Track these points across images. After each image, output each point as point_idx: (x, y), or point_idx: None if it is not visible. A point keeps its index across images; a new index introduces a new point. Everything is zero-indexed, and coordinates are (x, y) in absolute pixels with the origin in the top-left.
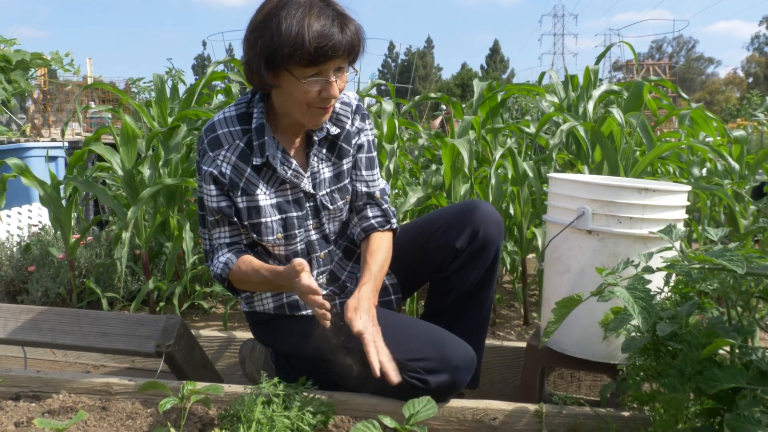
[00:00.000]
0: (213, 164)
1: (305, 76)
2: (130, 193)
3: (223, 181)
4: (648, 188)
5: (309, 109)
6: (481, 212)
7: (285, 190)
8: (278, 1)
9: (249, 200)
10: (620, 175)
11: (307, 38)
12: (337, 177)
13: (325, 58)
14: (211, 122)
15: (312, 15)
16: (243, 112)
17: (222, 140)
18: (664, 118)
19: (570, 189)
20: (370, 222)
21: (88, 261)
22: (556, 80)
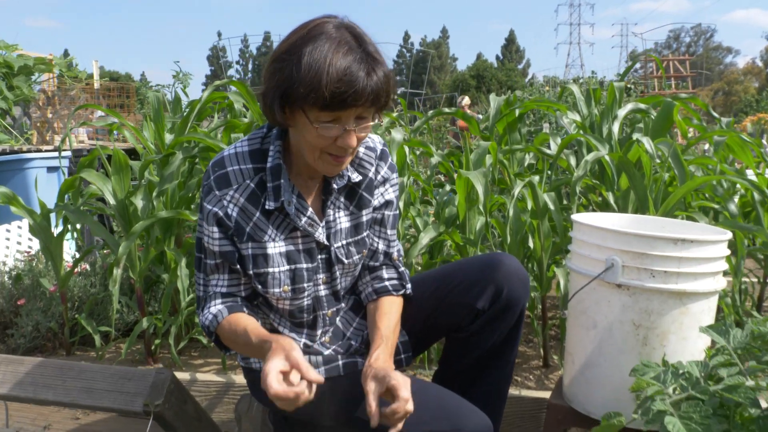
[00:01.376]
0: (218, 204)
1: (320, 121)
2: (123, 224)
3: (228, 223)
4: (685, 239)
5: (321, 156)
6: (506, 269)
7: (296, 238)
8: (307, 33)
9: (256, 247)
10: (649, 208)
11: (325, 80)
12: (356, 229)
13: (343, 105)
14: (221, 156)
15: (337, 54)
16: (257, 149)
17: (231, 179)
18: (695, 141)
19: (597, 237)
20: (384, 284)
21: (82, 290)
22: (578, 96)
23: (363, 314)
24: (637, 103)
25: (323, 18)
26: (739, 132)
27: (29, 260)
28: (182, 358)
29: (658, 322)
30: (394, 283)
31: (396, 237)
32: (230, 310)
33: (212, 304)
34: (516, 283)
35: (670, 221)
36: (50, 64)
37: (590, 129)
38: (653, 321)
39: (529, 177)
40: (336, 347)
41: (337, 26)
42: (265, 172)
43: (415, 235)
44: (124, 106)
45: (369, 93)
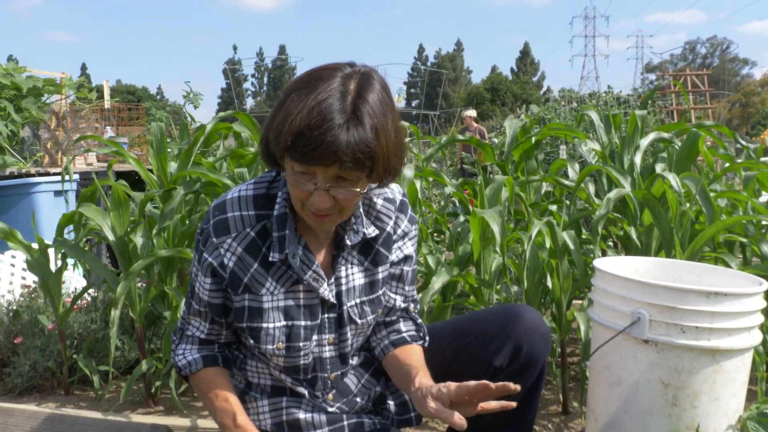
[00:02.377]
0: (215, 253)
1: (294, 171)
2: (123, 261)
3: (222, 274)
4: (719, 293)
5: (304, 210)
6: (525, 324)
7: (297, 293)
8: (308, 76)
9: (252, 300)
10: (676, 247)
11: (287, 128)
12: (371, 286)
13: (306, 159)
14: (223, 199)
15: (316, 102)
16: (262, 194)
17: (230, 225)
18: (721, 173)
19: (622, 288)
20: (402, 335)
21: (82, 326)
22: (597, 123)
23: (373, 370)
24: (660, 132)
25: (339, 65)
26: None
27: (29, 294)
28: (183, 400)
29: (689, 381)
30: (412, 333)
31: (414, 291)
32: (205, 362)
33: (188, 348)
34: (536, 339)
35: (699, 266)
36: (60, 85)
37: (610, 158)
38: (683, 380)
39: (546, 206)
40: (341, 405)
41: (347, 76)
42: (269, 220)
43: (425, 273)
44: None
45: (339, 152)
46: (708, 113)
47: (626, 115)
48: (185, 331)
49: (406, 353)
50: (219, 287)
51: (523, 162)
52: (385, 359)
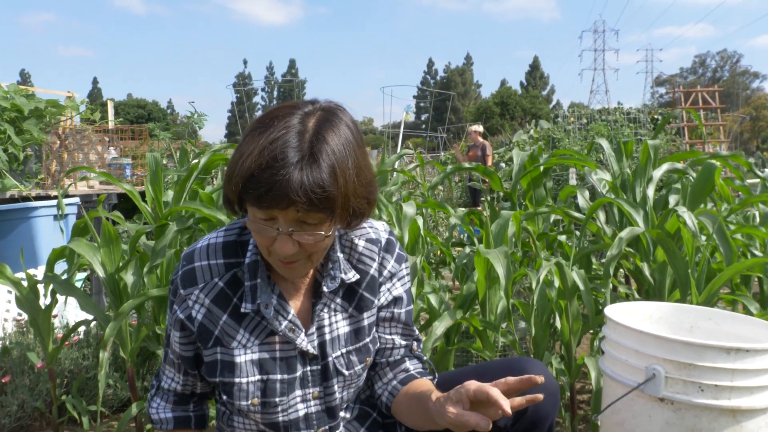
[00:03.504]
0: (183, 306)
1: (255, 217)
2: (113, 299)
3: (191, 327)
4: (740, 348)
5: (271, 257)
6: None
7: (272, 344)
8: (266, 115)
9: (224, 353)
10: (691, 289)
11: (238, 170)
12: (356, 334)
13: (259, 202)
14: (192, 248)
15: (267, 140)
16: (232, 241)
17: (197, 276)
18: (738, 207)
19: (636, 341)
20: (410, 374)
21: (74, 363)
22: (608, 151)
23: (370, 424)
24: (673, 163)
25: (300, 102)
26: None
27: (20, 329)
28: None
29: None
30: (419, 370)
31: (415, 329)
32: (176, 423)
33: (163, 404)
34: (543, 397)
35: (718, 313)
36: (62, 106)
37: (621, 188)
38: None
39: (555, 236)
40: None
41: (306, 114)
42: (240, 268)
43: (428, 312)
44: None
45: (291, 193)
46: (720, 129)
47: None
48: (161, 381)
49: (416, 385)
50: (189, 340)
51: (531, 190)
52: (394, 401)
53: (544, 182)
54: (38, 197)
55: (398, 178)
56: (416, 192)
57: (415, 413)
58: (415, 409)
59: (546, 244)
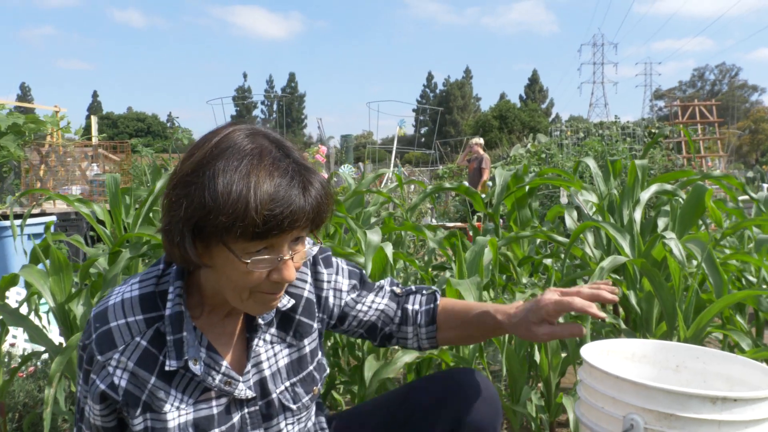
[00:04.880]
0: (102, 374)
1: (249, 253)
2: (65, 331)
3: (115, 397)
4: (726, 398)
5: (252, 296)
6: (466, 390)
7: (209, 400)
8: (214, 146)
9: (154, 419)
10: (678, 323)
11: (253, 203)
12: (299, 363)
13: (279, 230)
14: (104, 306)
15: (262, 169)
16: (149, 292)
17: (116, 337)
18: (730, 231)
19: (613, 388)
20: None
21: (29, 396)
22: (595, 171)
23: None
24: (662, 184)
25: (229, 126)
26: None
27: None
28: None
29: None
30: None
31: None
32: None
33: None
34: (480, 406)
35: (707, 353)
36: (42, 122)
37: (609, 210)
38: None
39: (541, 260)
40: None
41: (250, 134)
42: (162, 322)
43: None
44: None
45: (309, 212)
46: (717, 143)
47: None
48: None
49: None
50: (112, 410)
51: (516, 211)
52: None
53: (529, 202)
54: (17, 215)
55: (377, 198)
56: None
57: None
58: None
59: (531, 268)
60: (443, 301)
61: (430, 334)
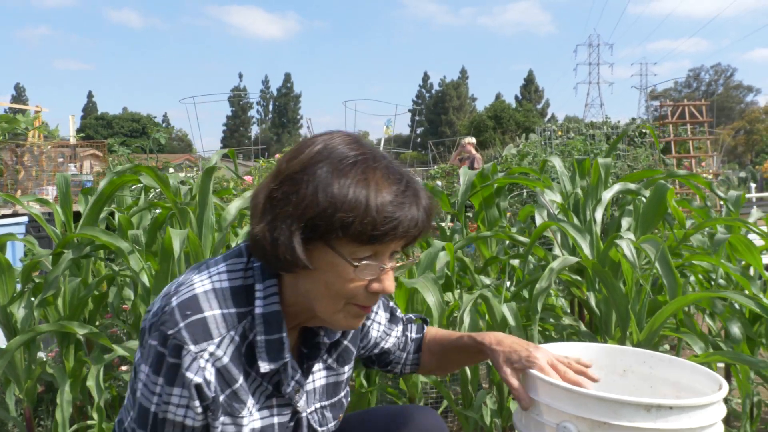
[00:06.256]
0: (194, 366)
1: (356, 258)
2: (7, 335)
3: (207, 393)
4: (661, 405)
5: (346, 307)
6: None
7: (271, 408)
8: (322, 148)
9: (230, 423)
10: (631, 329)
11: (374, 204)
12: (334, 388)
13: (392, 236)
14: (189, 293)
15: (379, 173)
16: (239, 285)
17: (211, 327)
18: (693, 232)
19: (547, 395)
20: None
21: None
22: (561, 170)
23: None
24: (625, 183)
25: (328, 133)
26: (745, 221)
27: None
28: None
29: None
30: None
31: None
32: None
33: None
34: None
35: (655, 357)
36: (17, 120)
37: (573, 210)
38: None
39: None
40: None
41: (353, 141)
42: (247, 320)
43: None
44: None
45: (420, 222)
46: (707, 143)
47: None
48: None
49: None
50: (204, 408)
51: (484, 211)
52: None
53: (497, 202)
54: None
55: None
56: None
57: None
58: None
59: (499, 269)
60: (430, 330)
61: (415, 360)
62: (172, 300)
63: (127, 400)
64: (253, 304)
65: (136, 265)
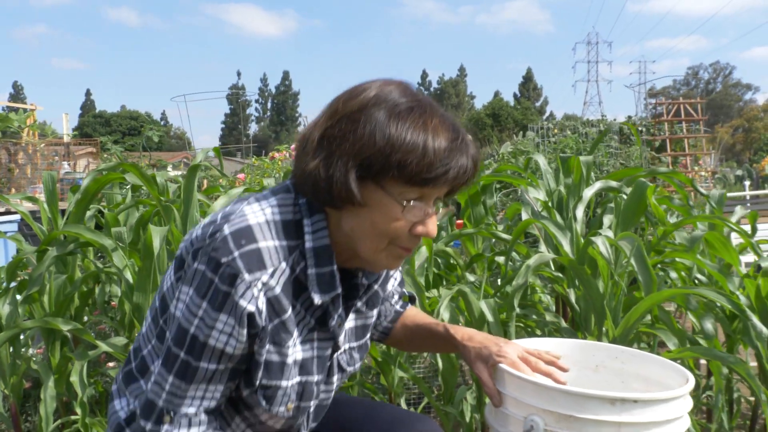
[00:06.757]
0: (247, 294)
1: (406, 198)
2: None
3: (259, 322)
4: (626, 399)
5: (388, 248)
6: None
7: (312, 341)
8: (379, 92)
9: (274, 352)
10: (607, 325)
11: (431, 146)
12: (362, 331)
13: (443, 181)
14: (242, 223)
15: (436, 119)
16: (289, 220)
17: (265, 258)
18: (672, 228)
19: (516, 389)
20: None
21: None
22: (544, 168)
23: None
24: (607, 181)
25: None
26: (724, 218)
27: None
28: None
29: None
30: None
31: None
32: None
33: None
34: None
35: (626, 352)
36: (8, 119)
37: (557, 208)
38: None
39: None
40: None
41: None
42: (296, 253)
43: None
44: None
45: (470, 170)
46: (702, 141)
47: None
48: (179, 409)
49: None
50: (251, 337)
51: (470, 208)
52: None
53: (483, 199)
54: None
55: None
56: None
57: (408, 339)
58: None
59: (485, 264)
60: (412, 307)
61: (386, 329)
62: (224, 228)
63: (147, 328)
64: (302, 239)
65: (119, 262)
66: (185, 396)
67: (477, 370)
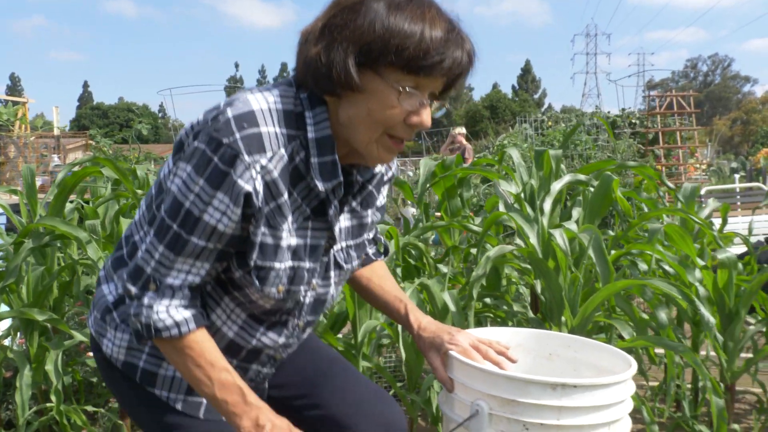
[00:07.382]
0: (246, 175)
1: (402, 84)
2: None
3: (255, 203)
4: (565, 384)
5: (381, 138)
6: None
7: (305, 230)
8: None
9: (271, 235)
10: (565, 315)
11: (428, 35)
12: (359, 230)
13: (438, 70)
14: (245, 109)
15: (434, 12)
16: (290, 110)
17: (265, 142)
18: (637, 222)
19: (464, 375)
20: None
21: None
22: (518, 161)
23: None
24: (575, 175)
25: None
26: (687, 211)
27: None
28: None
29: None
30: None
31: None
32: (196, 323)
33: (176, 301)
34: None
35: (579, 341)
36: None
37: (529, 201)
38: None
39: (468, 249)
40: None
41: None
42: (296, 143)
43: None
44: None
45: (465, 64)
46: (695, 134)
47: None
48: (165, 279)
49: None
50: (245, 219)
51: (446, 201)
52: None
53: (459, 192)
54: None
55: None
56: None
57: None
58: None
59: (461, 257)
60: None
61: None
62: (227, 111)
63: (140, 215)
64: (302, 130)
65: (93, 254)
66: (172, 267)
67: (430, 358)
